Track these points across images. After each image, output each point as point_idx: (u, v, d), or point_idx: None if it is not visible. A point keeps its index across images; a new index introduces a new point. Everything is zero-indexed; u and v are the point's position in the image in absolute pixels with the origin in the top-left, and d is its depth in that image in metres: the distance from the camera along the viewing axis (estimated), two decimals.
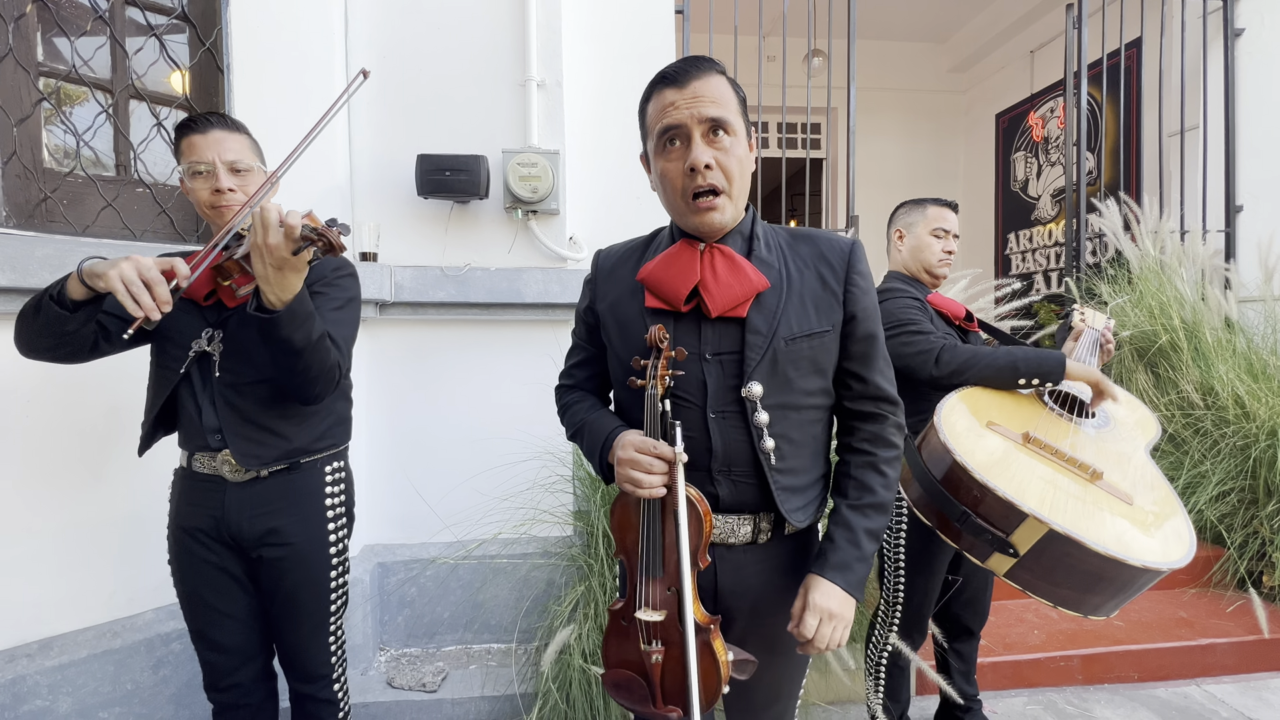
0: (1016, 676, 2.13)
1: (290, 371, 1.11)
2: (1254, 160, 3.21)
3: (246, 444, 1.20)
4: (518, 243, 2.20)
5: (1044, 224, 4.75)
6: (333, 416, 1.32)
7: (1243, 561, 2.46)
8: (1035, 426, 1.35)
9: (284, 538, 1.25)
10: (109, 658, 1.62)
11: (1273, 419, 2.47)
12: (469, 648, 2.20)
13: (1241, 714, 1.99)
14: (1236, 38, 3.23)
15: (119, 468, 1.67)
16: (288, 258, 0.99)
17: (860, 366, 0.96)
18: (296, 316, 1.06)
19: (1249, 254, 3.11)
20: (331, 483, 1.32)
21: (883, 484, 0.95)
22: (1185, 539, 1.13)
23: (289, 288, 1.03)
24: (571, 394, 1.10)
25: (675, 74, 0.88)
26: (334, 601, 1.33)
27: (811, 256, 0.95)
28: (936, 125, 5.59)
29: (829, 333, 0.93)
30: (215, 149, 1.19)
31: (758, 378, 0.89)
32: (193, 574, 1.27)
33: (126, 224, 1.78)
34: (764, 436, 0.90)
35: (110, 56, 1.79)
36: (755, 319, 0.91)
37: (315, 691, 1.34)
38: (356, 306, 1.30)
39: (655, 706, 0.91)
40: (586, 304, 1.06)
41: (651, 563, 0.89)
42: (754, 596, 0.96)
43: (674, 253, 0.95)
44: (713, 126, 0.87)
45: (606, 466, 0.96)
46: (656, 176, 0.94)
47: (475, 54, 2.16)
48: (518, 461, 2.19)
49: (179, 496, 1.30)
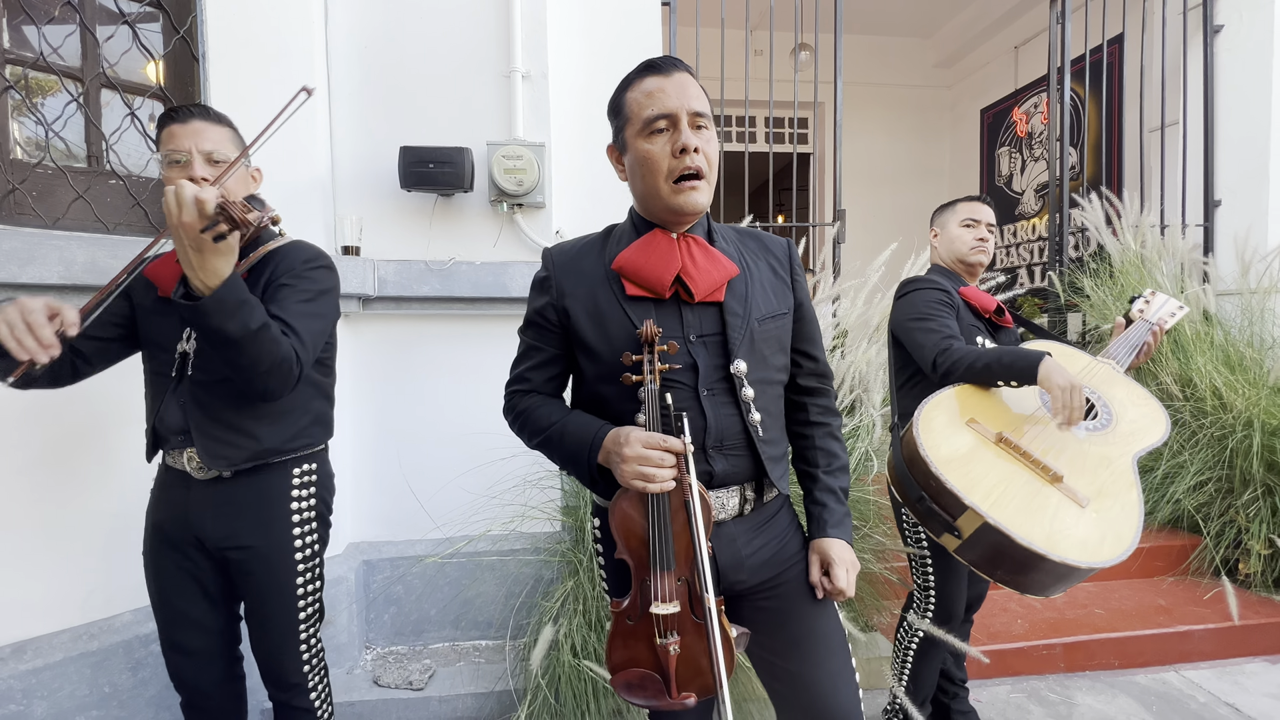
0: (1001, 665, 2.15)
1: (234, 366, 1.06)
2: (1232, 156, 3.26)
3: (214, 443, 1.17)
4: (503, 236, 2.18)
5: (1028, 219, 4.80)
6: (309, 416, 1.28)
7: (1219, 550, 2.51)
8: (1017, 426, 1.42)
9: (245, 541, 1.21)
10: (86, 660, 1.59)
11: (1249, 410, 2.52)
12: (457, 645, 2.18)
13: (1218, 698, 2.04)
14: (1216, 34, 3.27)
15: (95, 467, 1.64)
16: (204, 239, 0.95)
17: (810, 346, 1.07)
18: (226, 304, 1.00)
19: (1226, 248, 3.17)
20: (300, 485, 1.27)
21: (840, 448, 1.10)
22: (1123, 543, 1.21)
23: (213, 271, 0.98)
24: (528, 399, 1.03)
25: (660, 64, 0.93)
26: (303, 610, 1.28)
27: (759, 250, 1.05)
28: (922, 120, 5.62)
29: (786, 315, 1.03)
30: (193, 139, 1.17)
31: (741, 355, 0.95)
32: (159, 572, 1.25)
33: (99, 216, 1.74)
34: (751, 409, 0.96)
35: (80, 44, 1.74)
36: (731, 302, 0.97)
37: (290, 700, 1.31)
38: (330, 300, 1.25)
39: (671, 697, 0.92)
40: (545, 302, 1.00)
41: (663, 557, 0.89)
42: (754, 564, 0.99)
43: (649, 241, 0.96)
44: (697, 118, 0.92)
45: (594, 470, 0.94)
46: (634, 161, 0.95)
47: (459, 45, 2.13)
48: (506, 457, 2.17)
49: (155, 490, 1.28)
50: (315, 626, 1.32)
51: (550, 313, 1.00)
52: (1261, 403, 2.52)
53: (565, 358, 1.03)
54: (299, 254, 1.24)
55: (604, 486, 0.97)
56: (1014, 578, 1.24)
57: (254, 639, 1.29)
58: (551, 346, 1.02)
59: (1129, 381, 1.54)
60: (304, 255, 1.24)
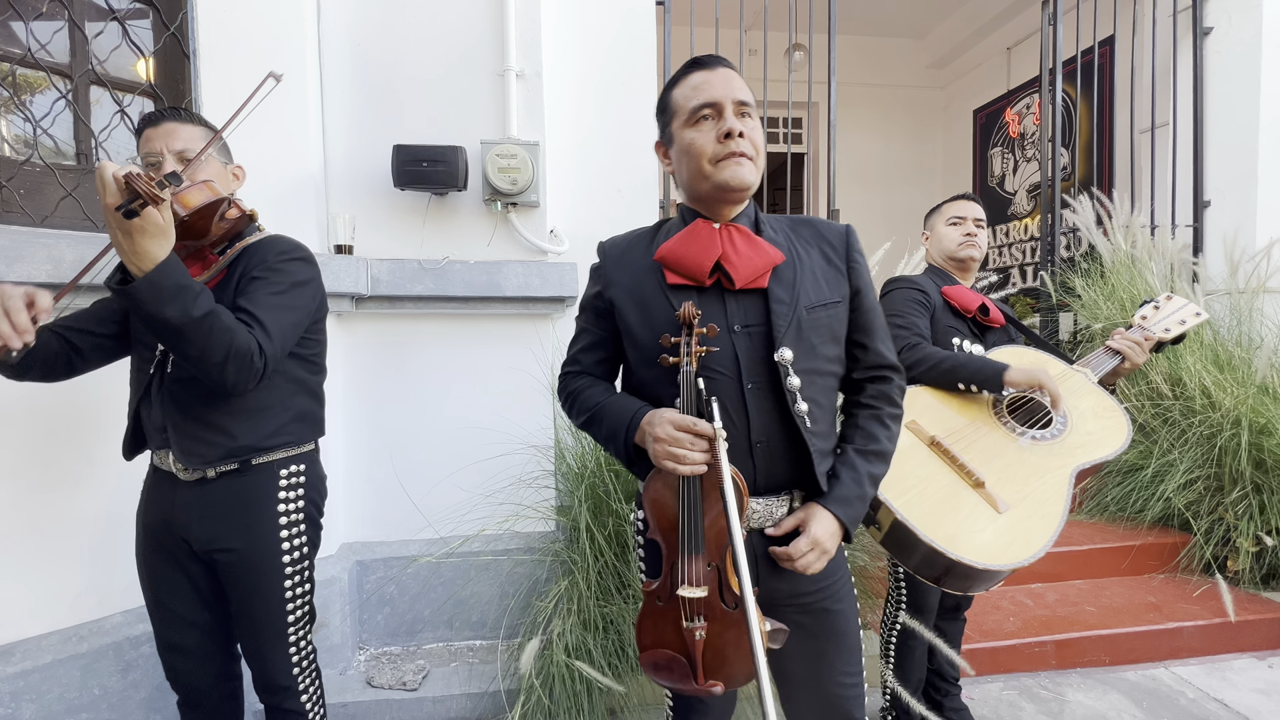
0: (993, 662, 2.17)
1: (184, 356, 1.04)
2: (1221, 157, 3.29)
3: (190, 442, 1.16)
4: (497, 235, 2.17)
5: (1020, 219, 4.82)
6: (289, 413, 1.25)
7: (1209, 547, 2.53)
8: (954, 432, 1.46)
9: (230, 544, 1.20)
10: (75, 662, 1.57)
11: (1237, 408, 2.54)
12: (451, 645, 2.18)
13: (1206, 694, 2.06)
14: (1205, 36, 3.30)
15: (85, 467, 1.62)
16: (119, 216, 0.91)
17: (866, 337, 1.03)
18: (161, 289, 0.96)
19: (1216, 248, 3.20)
20: (287, 487, 1.25)
21: (886, 435, 1.03)
22: (1030, 548, 1.26)
23: (144, 254, 0.94)
24: (579, 380, 1.09)
25: (704, 61, 0.97)
26: (292, 613, 1.27)
27: (812, 237, 1.03)
28: (916, 120, 5.65)
29: (840, 303, 1.00)
30: (165, 139, 1.17)
31: (787, 343, 0.94)
32: (151, 573, 1.24)
33: (88, 214, 1.72)
34: (798, 400, 0.94)
35: (69, 40, 1.72)
36: (776, 289, 0.96)
37: (280, 703, 1.30)
38: (305, 292, 1.21)
39: (696, 683, 0.91)
40: (596, 290, 1.06)
41: (693, 540, 0.89)
42: (793, 576, 0.97)
43: (691, 231, 0.98)
44: (741, 107, 0.95)
45: (631, 449, 0.96)
46: (680, 150, 0.98)
47: (453, 43, 2.12)
48: (499, 456, 2.17)
49: (144, 493, 1.28)
50: (305, 629, 1.30)
51: (600, 300, 1.05)
52: (1249, 401, 2.54)
53: (614, 342, 1.06)
54: (273, 247, 1.22)
55: (640, 466, 0.99)
56: (929, 574, 1.29)
57: (242, 642, 1.28)
58: (602, 331, 1.07)
59: (1099, 392, 1.55)
60: (278, 248, 1.22)
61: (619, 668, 1.83)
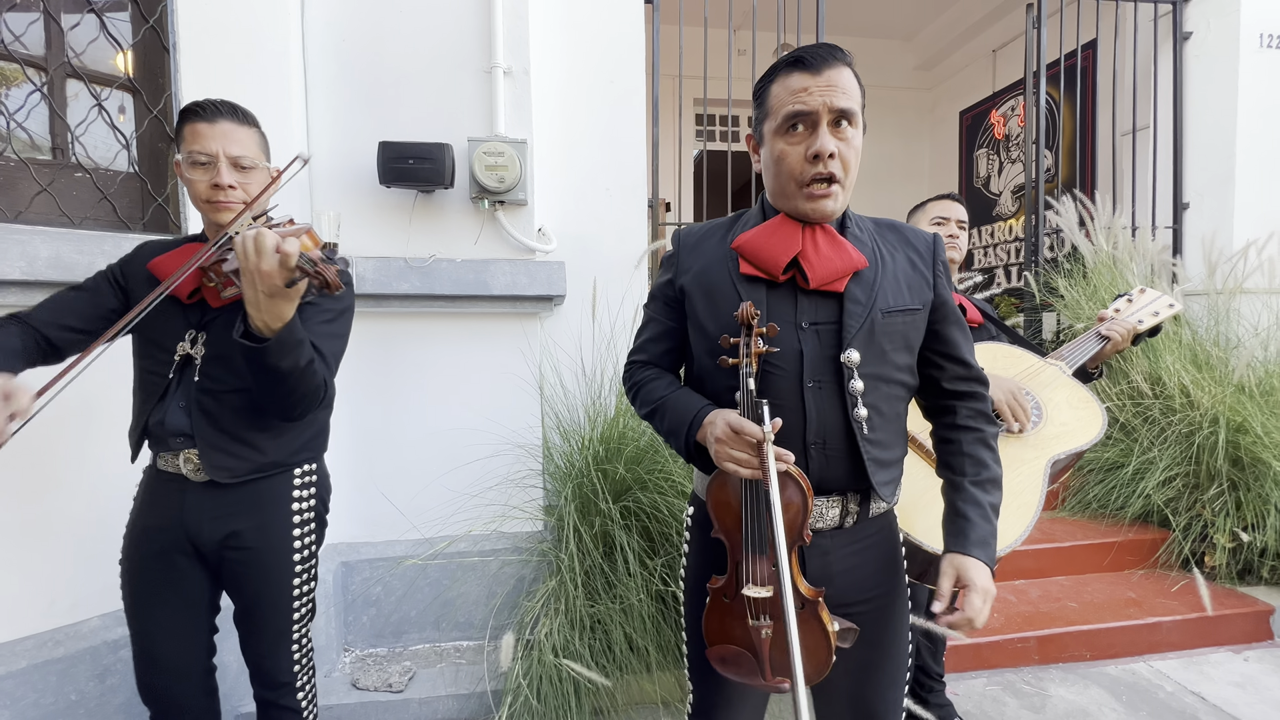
0: (977, 658, 2.19)
1: (273, 394, 1.07)
2: (1200, 159, 3.35)
3: (218, 454, 1.15)
4: (484, 234, 2.16)
5: (1005, 220, 4.88)
6: (313, 429, 1.27)
7: (1187, 543, 2.57)
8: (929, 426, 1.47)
9: (244, 542, 1.19)
10: (50, 668, 1.54)
11: (1215, 407, 2.59)
12: (438, 646, 2.16)
13: (1184, 687, 2.10)
14: (1185, 41, 3.35)
15: (63, 470, 1.59)
16: (279, 286, 0.95)
17: (954, 349, 0.99)
18: (286, 345, 1.01)
19: (1194, 249, 3.25)
20: (300, 486, 1.26)
21: (994, 459, 0.99)
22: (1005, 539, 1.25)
23: (280, 316, 0.99)
24: (645, 370, 1.07)
25: (810, 59, 0.89)
26: (298, 610, 1.27)
27: (898, 242, 0.99)
28: (903, 122, 5.69)
29: (920, 311, 0.95)
30: (221, 141, 1.13)
31: (856, 345, 0.90)
32: (141, 579, 1.21)
33: (64, 210, 1.69)
34: (858, 404, 0.90)
35: (44, 32, 1.69)
36: (854, 290, 0.92)
37: (278, 699, 1.29)
38: (348, 318, 1.25)
39: (765, 679, 0.91)
40: (668, 278, 1.04)
41: (757, 540, 0.88)
42: (843, 584, 0.95)
43: (774, 225, 0.95)
44: (840, 116, 0.89)
45: (692, 446, 0.95)
46: (770, 156, 0.93)
47: (439, 39, 2.10)
48: (487, 457, 2.16)
49: (142, 494, 1.24)
50: (307, 626, 1.31)
51: (670, 289, 1.03)
52: (1226, 400, 2.59)
53: (681, 333, 1.04)
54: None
55: (700, 462, 0.98)
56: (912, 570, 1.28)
57: (245, 640, 1.27)
58: (670, 321, 1.05)
59: (1073, 384, 1.56)
60: None
61: (606, 667, 1.83)
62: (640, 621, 1.85)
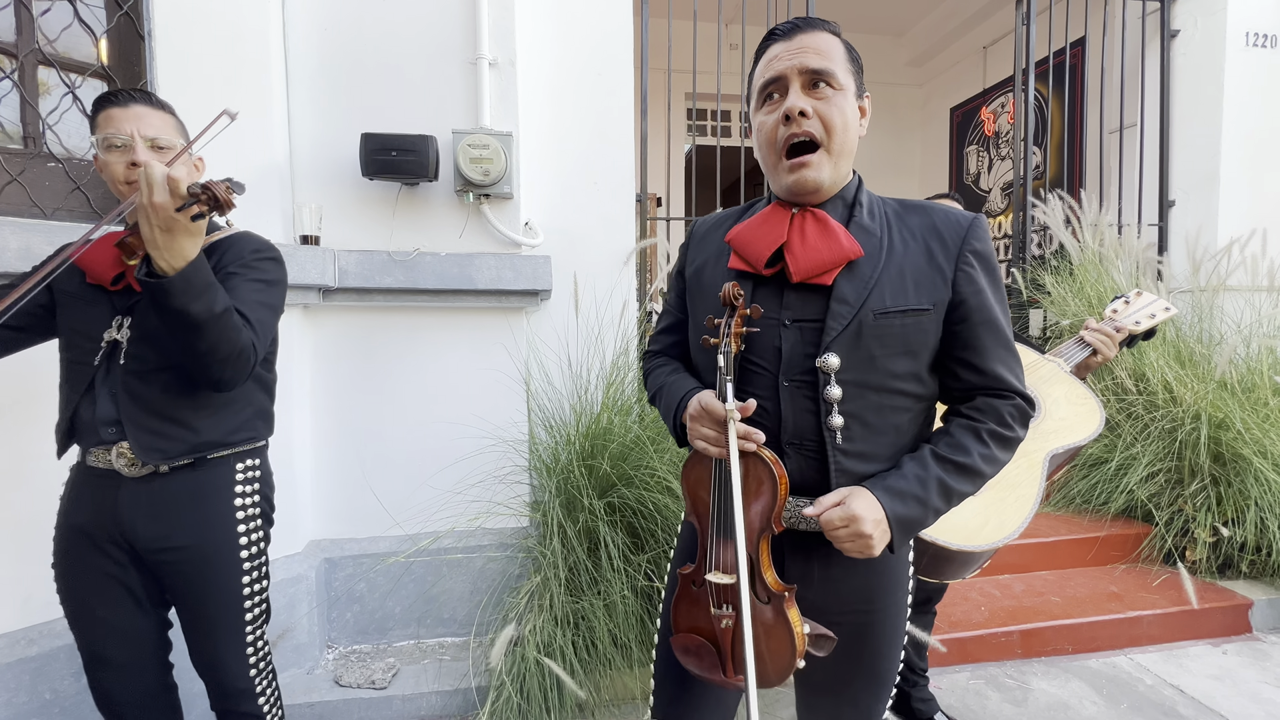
0: (960, 652, 2.21)
1: (193, 352, 1.04)
2: (1186, 158, 3.37)
3: (148, 436, 1.12)
4: (469, 227, 2.13)
5: (994, 216, 4.90)
6: (251, 408, 1.24)
7: (1169, 538, 2.60)
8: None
9: (184, 539, 1.15)
10: (25, 666, 1.52)
11: (1197, 403, 2.62)
12: (421, 642, 2.15)
13: (1164, 680, 2.12)
14: (1172, 39, 3.37)
15: (29, 464, 1.56)
16: (175, 217, 0.94)
17: (974, 355, 0.86)
18: (192, 285, 0.99)
19: (1180, 247, 3.28)
20: (244, 481, 1.23)
21: (980, 451, 0.85)
22: (1004, 531, 1.27)
23: (180, 252, 0.97)
24: (656, 359, 1.08)
25: (784, 29, 0.86)
26: (249, 610, 1.23)
27: (922, 228, 0.88)
28: (894, 117, 5.70)
29: (927, 312, 0.84)
30: (135, 123, 1.12)
31: (836, 350, 0.82)
32: (80, 581, 1.17)
33: (35, 201, 1.65)
34: (832, 412, 0.83)
35: (15, 18, 1.65)
36: (844, 287, 0.84)
37: (237, 707, 1.25)
38: (279, 292, 1.22)
39: (725, 675, 0.87)
40: (678, 269, 1.04)
41: (723, 524, 0.85)
42: (820, 590, 0.90)
43: (765, 215, 0.92)
44: (814, 78, 0.84)
45: (680, 428, 0.94)
46: (755, 140, 0.90)
47: (423, 29, 2.07)
48: (473, 454, 2.14)
49: (70, 492, 1.20)
50: (262, 628, 1.27)
51: (679, 280, 1.04)
52: (1208, 397, 2.62)
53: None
54: (247, 244, 1.20)
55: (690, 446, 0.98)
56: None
57: (194, 647, 1.22)
58: (680, 313, 1.05)
59: (1071, 381, 1.57)
60: (252, 245, 1.20)
61: (589, 664, 1.82)
62: (624, 618, 1.85)
